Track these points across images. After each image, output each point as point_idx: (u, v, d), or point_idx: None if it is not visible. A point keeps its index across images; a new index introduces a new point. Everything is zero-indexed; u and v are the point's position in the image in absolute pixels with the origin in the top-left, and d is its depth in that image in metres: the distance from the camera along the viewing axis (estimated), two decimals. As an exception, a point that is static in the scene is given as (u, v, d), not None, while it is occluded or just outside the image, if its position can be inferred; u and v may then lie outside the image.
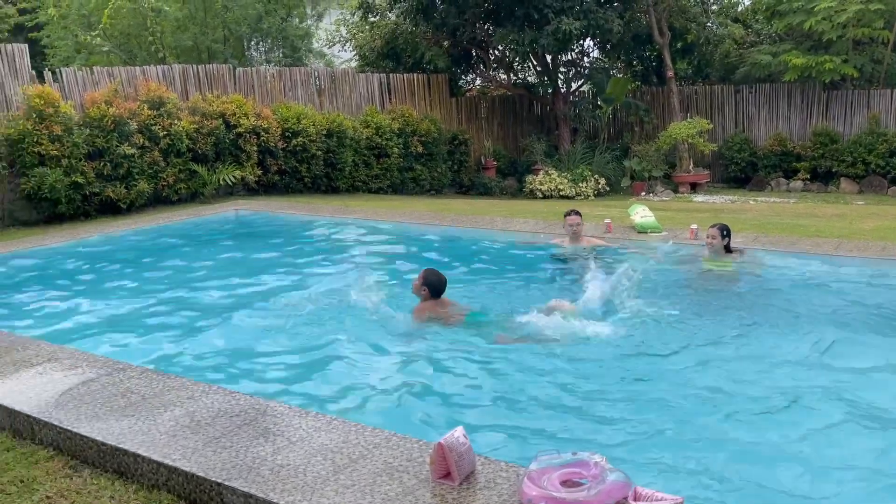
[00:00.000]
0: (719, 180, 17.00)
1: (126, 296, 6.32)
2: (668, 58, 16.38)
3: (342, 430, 3.16)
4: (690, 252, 6.80)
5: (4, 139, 9.49)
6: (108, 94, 10.42)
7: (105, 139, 10.06)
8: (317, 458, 2.92)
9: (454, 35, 16.05)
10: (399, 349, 4.82)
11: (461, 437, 2.70)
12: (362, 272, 6.20)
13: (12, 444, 3.48)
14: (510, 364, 4.49)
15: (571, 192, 15.15)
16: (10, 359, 4.28)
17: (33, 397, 3.66)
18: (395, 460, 2.87)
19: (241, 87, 12.91)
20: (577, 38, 14.93)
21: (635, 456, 3.25)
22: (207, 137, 11.28)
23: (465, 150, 16.26)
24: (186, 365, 4.63)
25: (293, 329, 5.31)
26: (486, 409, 3.95)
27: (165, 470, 2.95)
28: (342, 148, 13.08)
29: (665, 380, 4.20)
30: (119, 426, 3.30)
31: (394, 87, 15.50)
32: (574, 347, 4.66)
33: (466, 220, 9.03)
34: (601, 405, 3.88)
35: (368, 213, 9.92)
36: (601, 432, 3.56)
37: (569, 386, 4.12)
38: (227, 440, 3.11)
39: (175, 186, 10.95)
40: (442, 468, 2.68)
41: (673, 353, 4.56)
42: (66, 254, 7.96)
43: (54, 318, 5.75)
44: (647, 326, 5.01)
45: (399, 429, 3.17)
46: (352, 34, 18.02)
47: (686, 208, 10.89)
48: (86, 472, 3.18)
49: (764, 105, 16.81)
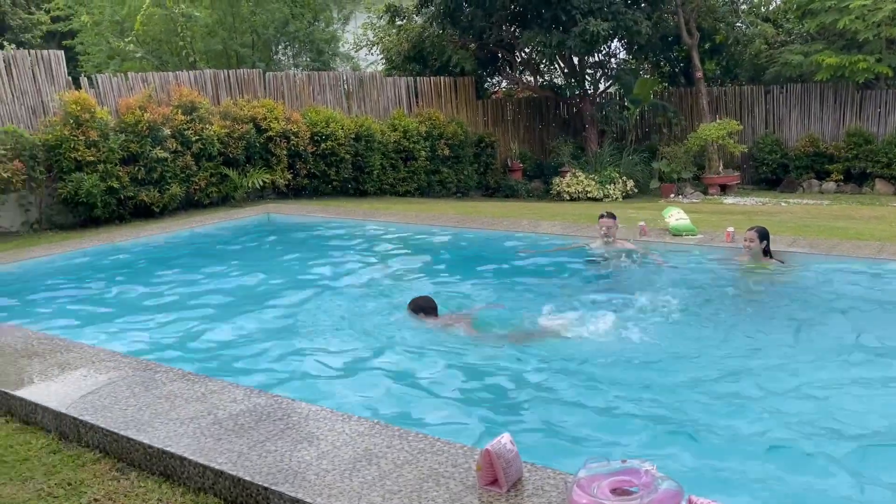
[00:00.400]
0: (749, 182, 16.79)
1: (165, 298, 6.40)
2: (696, 58, 16.24)
3: (386, 435, 3.16)
4: (727, 255, 6.71)
5: (42, 145, 9.66)
6: (143, 99, 10.57)
7: (139, 144, 10.20)
8: (361, 462, 2.93)
9: (481, 38, 16.04)
10: (422, 352, 4.82)
11: (508, 443, 2.68)
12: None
13: (58, 447, 3.53)
14: (533, 366, 4.47)
15: (599, 195, 15.06)
16: (54, 361, 4.35)
17: (78, 400, 3.71)
18: (440, 466, 2.86)
19: (271, 92, 13.02)
20: (605, 39, 14.84)
21: (676, 463, 3.21)
22: (238, 141, 11.39)
23: (492, 152, 16.25)
24: (224, 368, 4.67)
25: (328, 333, 5.33)
26: (514, 412, 3.93)
27: (212, 473, 2.97)
28: (370, 151, 13.13)
29: (698, 386, 4.12)
30: (165, 429, 3.33)
31: (421, 91, 15.54)
32: (599, 350, 4.63)
33: (497, 224, 9.01)
34: (630, 408, 3.84)
35: (398, 216, 9.94)
36: (629, 435, 3.53)
37: (598, 389, 4.09)
38: (272, 444, 3.13)
39: (207, 190, 11.07)
40: (489, 475, 2.67)
41: (708, 358, 4.50)
42: (104, 256, 8.10)
43: (95, 320, 5.82)
44: (682, 330, 4.95)
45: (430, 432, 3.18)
46: (379, 38, 18.09)
47: (718, 210, 10.77)
48: (132, 474, 3.22)
49: (795, 105, 16.57)
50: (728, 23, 16.89)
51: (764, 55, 17.57)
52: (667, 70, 18.80)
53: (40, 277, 7.34)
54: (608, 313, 5.15)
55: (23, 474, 3.28)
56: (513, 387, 4.22)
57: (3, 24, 20.07)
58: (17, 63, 10.03)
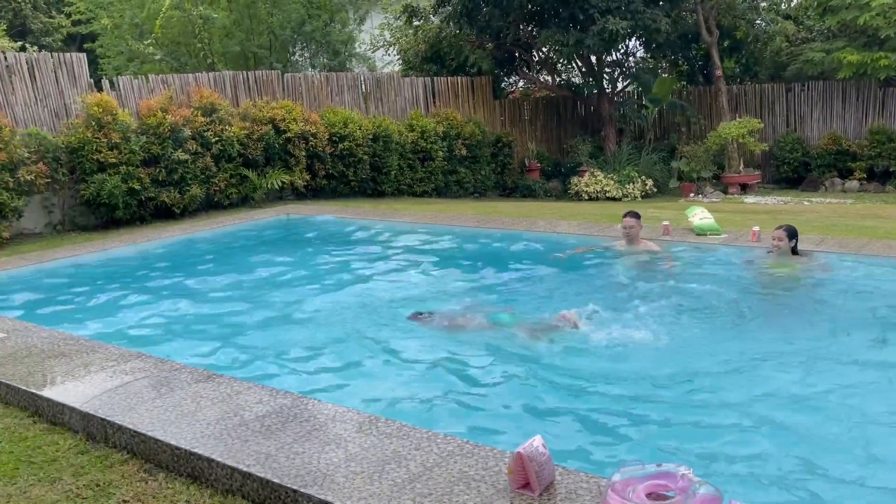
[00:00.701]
0: (770, 181, 16.61)
1: (189, 299, 6.41)
2: (716, 56, 16.08)
3: (414, 437, 3.13)
4: (753, 255, 6.61)
5: (65, 147, 9.74)
6: (164, 101, 10.63)
7: (161, 146, 10.26)
8: (390, 465, 2.90)
9: (498, 37, 16.00)
10: (442, 353, 4.79)
11: (540, 446, 2.65)
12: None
13: (86, 448, 3.53)
14: (553, 366, 4.43)
15: (618, 194, 14.96)
16: (80, 361, 4.36)
17: (105, 400, 3.71)
18: (470, 469, 2.83)
19: (290, 93, 13.05)
20: (624, 38, 14.75)
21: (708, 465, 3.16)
22: (257, 143, 11.43)
23: (509, 152, 16.19)
24: (248, 368, 4.66)
25: (352, 333, 5.31)
26: (536, 413, 3.89)
27: (240, 475, 2.96)
28: (388, 152, 13.13)
29: (724, 389, 4.04)
30: (191, 430, 3.32)
31: (438, 91, 15.52)
32: (619, 352, 4.58)
33: (517, 223, 8.96)
34: (658, 410, 3.79)
35: (418, 217, 9.91)
36: (657, 439, 3.48)
37: (618, 392, 4.04)
38: (300, 446, 3.11)
39: (226, 191, 11.11)
40: (521, 478, 2.64)
41: (734, 361, 4.41)
42: (128, 257, 8.15)
43: (120, 320, 5.85)
44: (706, 331, 4.88)
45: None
46: (395, 38, 18.09)
47: (740, 210, 10.65)
48: (160, 475, 3.21)
49: (817, 103, 16.38)
50: (748, 20, 16.73)
51: (785, 52, 17.38)
52: (685, 69, 18.66)
53: (67, 277, 7.39)
54: (626, 313, 5.10)
55: (51, 475, 3.28)
56: (535, 387, 4.20)
57: (25, 28, 20.31)
58: (39, 66, 10.12)
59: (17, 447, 3.56)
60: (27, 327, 5.20)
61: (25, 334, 5.01)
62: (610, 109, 16.94)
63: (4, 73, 9.80)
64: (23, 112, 9.94)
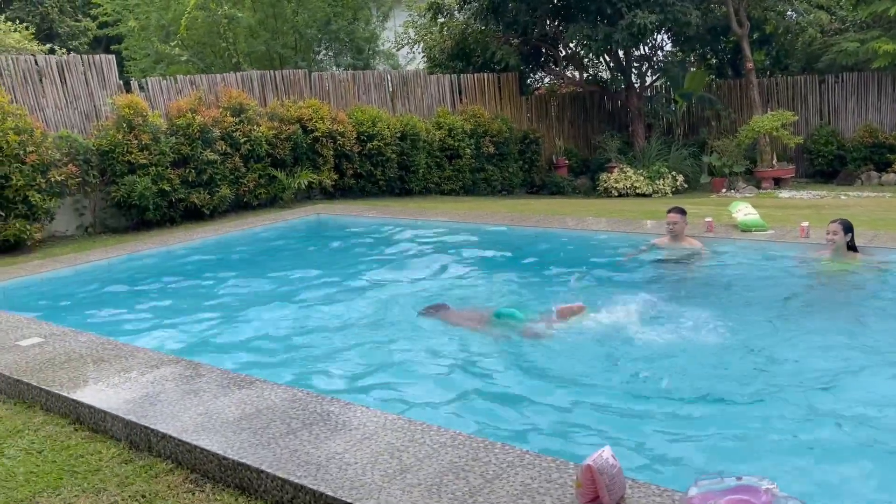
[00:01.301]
0: (803, 175, 16.24)
1: (226, 301, 6.36)
2: (747, 49, 15.74)
3: (469, 447, 3.00)
4: (804, 251, 6.37)
5: (96, 149, 9.74)
6: (193, 102, 10.59)
7: (190, 147, 10.22)
8: (448, 476, 2.77)
9: (525, 33, 15.81)
10: (476, 356, 4.67)
11: (610, 458, 2.50)
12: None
13: (130, 457, 3.44)
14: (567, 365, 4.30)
15: (648, 190, 14.72)
16: (120, 366, 4.29)
17: (147, 407, 3.63)
18: (533, 482, 2.69)
19: (316, 92, 12.98)
20: (653, 31, 14.50)
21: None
22: (286, 143, 11.37)
23: (537, 149, 16.00)
24: (289, 373, 4.56)
25: (396, 336, 5.20)
26: (555, 412, 3.78)
27: (291, 487, 2.85)
28: (415, 150, 13.01)
29: (782, 400, 3.81)
30: (238, 438, 3.22)
31: (464, 88, 15.38)
32: (669, 351, 4.42)
33: (551, 221, 8.79)
34: (703, 414, 3.63)
35: (449, 215, 9.78)
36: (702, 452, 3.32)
37: (652, 391, 3.89)
38: (351, 456, 2.99)
39: (255, 191, 11.06)
40: (590, 492, 2.49)
41: (790, 366, 4.21)
42: (160, 259, 8.13)
43: (155, 323, 5.79)
44: (759, 335, 4.68)
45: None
46: (420, 36, 17.97)
47: (779, 205, 10.39)
48: (208, 486, 3.11)
49: (851, 95, 16.00)
50: (779, 11, 16.38)
51: (818, 43, 17.00)
52: (713, 62, 18.34)
53: (101, 279, 7.37)
54: (672, 314, 4.93)
55: (95, 486, 3.20)
56: (559, 388, 4.08)
57: (52, 32, 20.46)
58: (69, 68, 10.13)
59: (60, 456, 3.49)
60: (64, 332, 5.14)
61: (63, 339, 4.96)
62: (638, 104, 16.69)
63: (35, 77, 9.82)
64: (53, 115, 9.96)
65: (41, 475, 3.32)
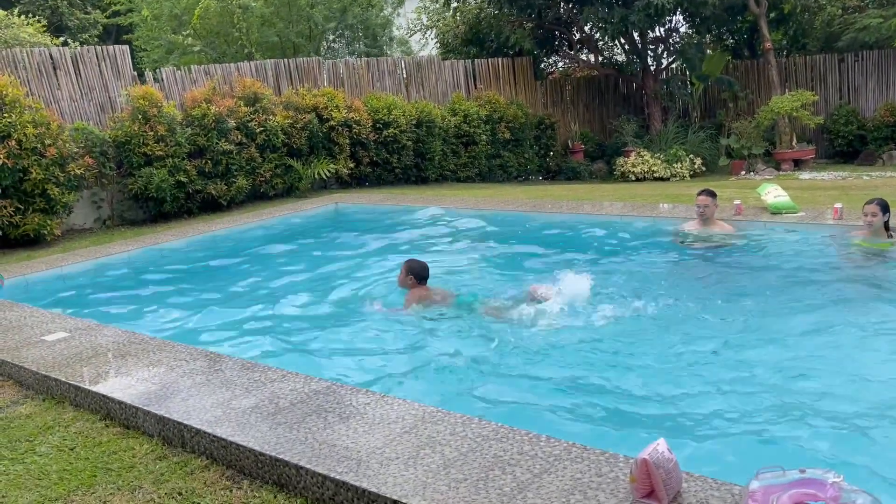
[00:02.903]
0: (822, 156, 16.01)
1: (255, 292, 6.28)
2: (764, 28, 15.48)
3: (514, 440, 2.91)
4: (838, 233, 6.20)
5: (112, 141, 9.68)
6: (208, 92, 10.51)
7: (206, 137, 10.15)
8: (494, 471, 2.69)
9: (539, 16, 15.61)
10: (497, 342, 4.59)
11: (666, 451, 2.41)
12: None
13: (164, 453, 3.38)
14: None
15: (666, 174, 14.54)
16: (147, 361, 4.23)
17: (179, 402, 3.57)
18: (583, 476, 2.61)
19: (331, 80, 12.88)
20: (669, 11, 14.26)
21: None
22: (301, 132, 11.28)
23: (552, 134, 15.86)
24: (322, 365, 4.49)
25: (425, 328, 5.11)
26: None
27: (332, 484, 2.77)
28: (431, 137, 12.90)
29: (816, 393, 3.66)
30: (274, 434, 3.15)
31: (479, 73, 15.22)
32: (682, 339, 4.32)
33: (578, 206, 8.64)
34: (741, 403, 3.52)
35: (469, 202, 9.66)
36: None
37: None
38: (391, 450, 2.91)
39: (272, 181, 11.00)
40: (646, 487, 2.40)
41: (827, 358, 4.05)
42: (181, 251, 8.08)
43: (180, 316, 5.73)
44: (795, 321, 4.55)
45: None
46: (433, 22, 17.81)
47: (802, 186, 10.19)
48: (245, 483, 3.05)
49: (872, 73, 15.72)
50: (798, -11, 16.08)
51: (837, 21, 16.69)
52: (730, 42, 18.06)
53: (121, 272, 7.33)
54: (704, 299, 4.81)
55: (130, 483, 3.14)
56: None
57: (62, 25, 20.42)
58: (83, 60, 10.07)
59: (93, 453, 3.43)
60: (89, 326, 5.10)
61: (88, 333, 4.91)
62: (654, 87, 16.47)
63: (50, 69, 9.76)
64: (69, 107, 9.91)
65: (75, 473, 3.27)
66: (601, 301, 5.01)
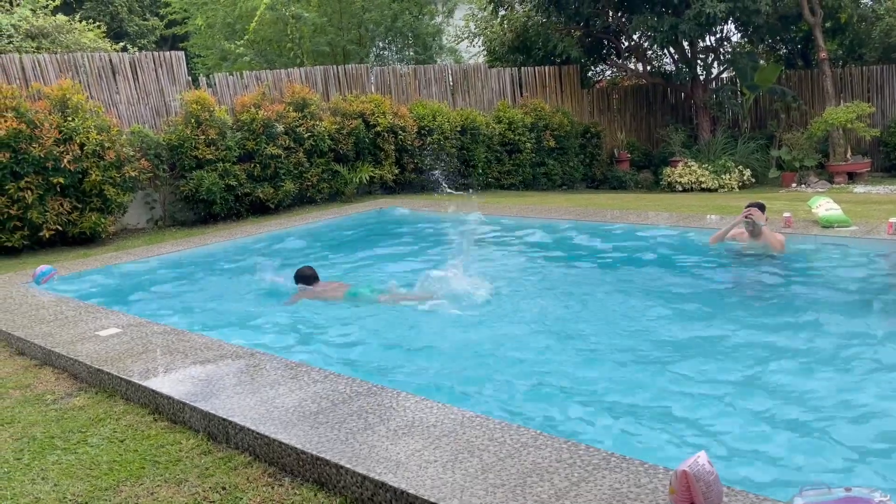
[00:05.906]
0: (878, 169, 15.57)
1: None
2: (820, 38, 15.15)
3: (552, 448, 2.91)
4: (891, 249, 6.03)
5: (166, 144, 9.96)
6: (257, 97, 10.74)
7: (255, 142, 10.37)
8: (532, 478, 2.70)
9: (587, 25, 15.55)
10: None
11: (706, 464, 2.39)
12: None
13: (209, 448, 3.47)
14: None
15: (714, 185, 14.32)
16: (195, 358, 4.34)
17: (225, 399, 3.65)
18: (622, 486, 2.60)
19: (378, 86, 13.03)
20: (721, 20, 14.08)
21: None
22: (348, 137, 11.44)
23: (598, 142, 15.75)
24: (366, 368, 4.54)
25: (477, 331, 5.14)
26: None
27: (371, 484, 2.81)
28: (475, 144, 12.95)
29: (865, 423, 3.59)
30: (316, 433, 3.21)
31: (525, 81, 15.22)
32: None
33: (625, 217, 8.57)
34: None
35: (515, 210, 9.64)
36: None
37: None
38: (429, 453, 2.94)
39: (318, 186, 11.17)
40: (685, 499, 2.38)
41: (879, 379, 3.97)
42: (230, 252, 8.26)
43: (229, 316, 5.85)
44: (847, 334, 4.44)
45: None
46: (481, 29, 17.88)
47: (856, 200, 9.92)
48: (286, 480, 3.11)
49: (933, 85, 15.26)
50: (854, -1, 15.71)
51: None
52: (783, 52, 17.71)
53: (172, 272, 7.51)
54: (750, 313, 4.72)
55: (177, 476, 3.23)
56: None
57: (121, 31, 21.07)
58: (141, 65, 10.39)
59: (141, 445, 3.54)
60: (141, 323, 5.25)
61: (140, 329, 5.06)
62: (704, 97, 16.25)
63: (109, 73, 10.09)
64: (126, 110, 10.23)
65: (124, 464, 3.37)
66: (656, 314, 4.94)
